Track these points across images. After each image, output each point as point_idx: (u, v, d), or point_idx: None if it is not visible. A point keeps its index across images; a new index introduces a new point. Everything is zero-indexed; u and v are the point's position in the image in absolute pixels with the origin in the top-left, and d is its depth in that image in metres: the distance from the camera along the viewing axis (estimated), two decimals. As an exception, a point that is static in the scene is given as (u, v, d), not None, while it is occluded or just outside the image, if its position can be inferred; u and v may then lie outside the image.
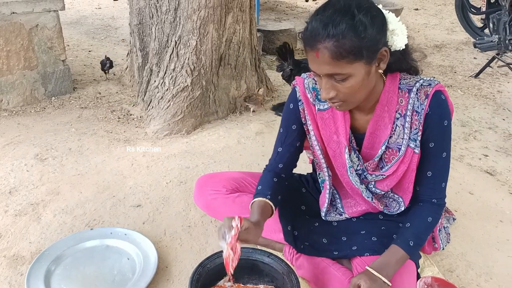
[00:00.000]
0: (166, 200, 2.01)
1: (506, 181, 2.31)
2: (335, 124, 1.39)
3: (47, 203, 1.97)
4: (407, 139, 1.33)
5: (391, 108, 1.32)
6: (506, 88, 3.61)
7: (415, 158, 1.34)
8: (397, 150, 1.36)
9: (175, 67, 2.70)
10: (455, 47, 4.72)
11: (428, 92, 1.29)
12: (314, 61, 1.19)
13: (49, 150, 2.41)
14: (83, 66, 3.70)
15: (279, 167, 1.53)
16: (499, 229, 1.92)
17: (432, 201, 1.39)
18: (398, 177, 1.39)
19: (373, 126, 1.36)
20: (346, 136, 1.38)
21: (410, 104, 1.30)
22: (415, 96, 1.30)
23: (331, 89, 1.21)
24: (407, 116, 1.31)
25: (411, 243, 1.32)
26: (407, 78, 1.33)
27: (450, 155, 1.37)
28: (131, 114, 2.91)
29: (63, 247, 1.66)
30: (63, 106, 2.99)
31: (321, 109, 1.40)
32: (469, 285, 1.61)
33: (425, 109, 1.28)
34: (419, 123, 1.30)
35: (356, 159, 1.41)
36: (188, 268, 1.62)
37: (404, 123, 1.32)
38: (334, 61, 1.15)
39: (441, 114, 1.30)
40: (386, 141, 1.35)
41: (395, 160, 1.36)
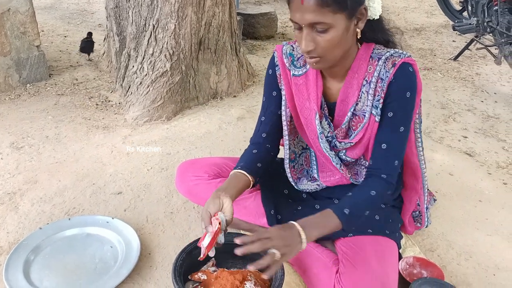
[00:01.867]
0: (148, 187, 1.99)
1: (484, 161, 2.35)
2: (307, 90, 1.39)
3: (24, 192, 1.92)
4: (370, 106, 1.32)
5: (360, 75, 1.32)
6: (484, 71, 3.66)
7: (376, 126, 1.33)
8: (363, 117, 1.35)
9: (154, 52, 2.64)
10: (435, 30, 4.75)
11: (396, 61, 1.28)
12: (298, 9, 1.17)
13: (25, 138, 2.35)
14: (59, 52, 3.60)
15: (263, 136, 1.51)
16: (478, 209, 1.96)
17: (381, 176, 1.32)
18: (365, 145, 1.38)
19: (344, 93, 1.36)
20: (317, 102, 1.38)
21: (377, 71, 1.29)
22: (383, 63, 1.29)
23: (311, 41, 1.20)
24: (372, 82, 1.30)
25: (346, 211, 1.25)
26: (380, 49, 1.33)
27: (407, 132, 1.33)
28: (109, 101, 2.85)
29: (42, 236, 1.62)
30: (38, 93, 2.91)
31: (296, 74, 1.41)
32: (450, 264, 1.63)
33: (389, 77, 1.27)
34: (382, 90, 1.29)
35: (327, 126, 1.41)
36: (171, 254, 1.60)
37: (369, 90, 1.32)
38: (318, 8, 1.15)
39: (405, 84, 1.28)
40: (353, 108, 1.35)
41: (360, 127, 1.36)
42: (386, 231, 1.45)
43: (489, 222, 1.87)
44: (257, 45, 4.09)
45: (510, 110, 2.98)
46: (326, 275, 1.38)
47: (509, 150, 2.47)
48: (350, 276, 1.32)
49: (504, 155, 2.41)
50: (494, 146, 2.51)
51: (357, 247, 1.39)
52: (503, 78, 3.52)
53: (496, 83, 3.42)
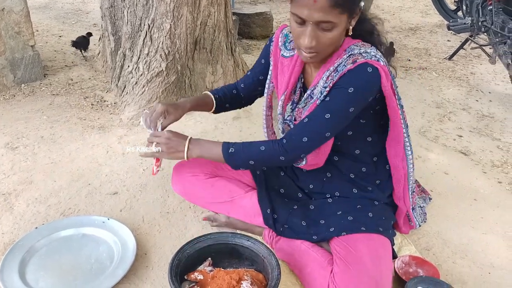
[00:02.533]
0: (144, 187, 1.98)
1: (479, 160, 2.36)
2: (288, 72, 1.46)
3: (19, 192, 1.91)
4: (319, 91, 1.37)
5: (330, 64, 1.35)
6: (479, 70, 3.67)
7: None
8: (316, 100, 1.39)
9: (149, 52, 2.64)
10: (430, 29, 4.76)
11: (357, 59, 1.28)
12: (308, 6, 1.19)
13: (20, 138, 2.34)
14: (54, 52, 3.59)
15: (241, 86, 1.69)
16: (473, 208, 1.97)
17: (282, 140, 1.37)
18: None
19: (317, 79, 1.40)
20: (289, 85, 1.45)
21: (337, 62, 1.33)
22: (346, 58, 1.31)
23: (314, 37, 1.23)
24: (329, 70, 1.34)
25: (231, 150, 1.39)
26: (359, 46, 1.33)
27: (331, 125, 1.32)
28: (105, 101, 2.84)
29: (37, 237, 1.62)
30: (33, 93, 2.90)
31: (284, 55, 1.48)
32: (445, 262, 1.64)
33: (344, 71, 1.29)
34: (332, 80, 1.32)
35: (289, 111, 1.49)
36: (168, 254, 1.60)
37: (323, 77, 1.36)
38: (330, 8, 1.18)
39: (352, 80, 1.28)
40: (310, 90, 1.41)
41: (307, 106, 1.42)
42: (380, 228, 1.45)
43: (484, 220, 1.88)
44: (252, 45, 4.09)
45: (505, 109, 3.00)
46: (321, 275, 1.38)
47: (504, 149, 2.48)
48: (343, 276, 1.33)
49: (499, 154, 2.43)
50: (489, 145, 2.52)
51: (351, 246, 1.39)
52: (497, 78, 3.53)
53: (491, 82, 3.44)
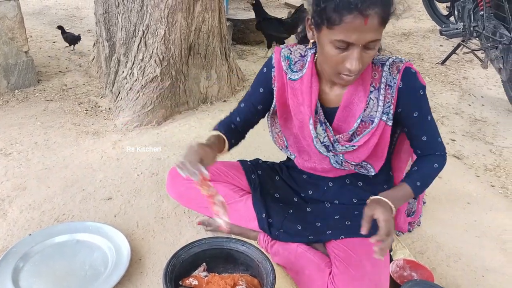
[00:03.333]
0: (138, 192, 1.98)
1: (472, 164, 2.37)
2: (302, 95, 1.41)
3: (13, 199, 1.90)
4: (380, 112, 1.36)
5: (365, 81, 1.34)
6: (471, 74, 3.71)
7: (388, 130, 1.39)
8: (369, 123, 1.38)
9: (144, 57, 2.64)
10: (422, 35, 4.80)
11: (399, 67, 1.33)
12: (358, 30, 1.12)
13: (14, 144, 2.33)
14: (48, 58, 3.58)
15: (237, 120, 1.56)
16: (466, 211, 1.98)
17: (436, 153, 1.43)
18: (369, 149, 1.41)
19: (348, 99, 1.37)
20: (311, 107, 1.39)
21: (384, 77, 1.34)
22: (388, 70, 1.33)
23: (360, 60, 1.18)
24: (381, 89, 1.34)
25: (418, 184, 1.38)
26: (379, 55, 1.37)
27: (432, 117, 1.42)
28: (99, 106, 2.84)
29: (31, 243, 1.61)
30: (27, 99, 2.89)
31: (292, 78, 1.42)
32: (439, 266, 1.65)
33: (397, 83, 1.33)
34: (392, 96, 1.34)
35: (322, 132, 1.42)
36: (162, 259, 1.60)
37: (378, 96, 1.35)
38: (379, 26, 1.15)
39: (414, 85, 1.34)
40: (362, 115, 1.37)
41: (366, 131, 1.38)
42: (377, 233, 1.45)
43: (478, 224, 1.89)
44: (246, 50, 4.11)
45: (497, 113, 3.02)
46: (319, 277, 1.38)
47: (496, 153, 2.50)
48: (343, 278, 1.33)
49: (492, 158, 2.45)
50: (482, 149, 2.54)
51: (350, 249, 1.40)
52: (489, 82, 3.57)
53: (483, 87, 3.47)
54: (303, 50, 1.42)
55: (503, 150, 2.54)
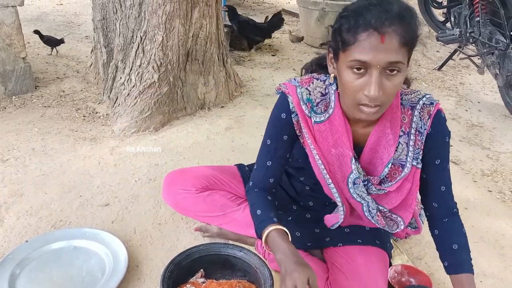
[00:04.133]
0: (135, 198, 1.98)
1: (470, 169, 2.38)
2: (333, 136, 1.28)
3: (10, 205, 1.90)
4: (411, 157, 1.28)
5: (395, 125, 1.25)
6: (467, 80, 3.73)
7: (418, 174, 1.30)
8: (399, 166, 1.30)
9: (141, 63, 2.65)
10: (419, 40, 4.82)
11: (431, 112, 1.24)
12: (375, 49, 1.04)
13: (11, 150, 2.32)
14: (45, 64, 3.58)
15: (270, 182, 1.38)
16: (464, 216, 1.94)
17: (454, 211, 1.36)
18: (403, 195, 1.33)
19: (375, 141, 1.28)
20: (351, 146, 1.28)
21: (414, 123, 1.25)
22: (418, 114, 1.24)
23: (380, 86, 1.07)
24: (411, 134, 1.26)
25: (471, 260, 1.33)
26: (408, 94, 1.26)
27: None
28: (97, 112, 2.84)
29: (28, 249, 1.60)
30: (24, 105, 2.89)
31: (317, 121, 1.28)
32: (437, 271, 1.65)
33: (427, 129, 1.25)
34: (421, 143, 1.26)
35: (361, 170, 1.31)
36: (160, 266, 1.59)
37: (408, 141, 1.27)
38: (400, 46, 1.05)
39: (443, 133, 1.28)
40: (392, 159, 1.28)
41: (399, 177, 1.30)
42: (377, 241, 1.45)
43: (475, 229, 1.90)
44: (244, 56, 4.12)
45: (494, 118, 3.04)
46: (316, 284, 1.38)
47: (493, 158, 2.51)
48: (341, 284, 1.33)
49: (489, 163, 2.45)
50: (479, 154, 2.55)
51: (348, 257, 1.40)
52: (486, 88, 3.59)
53: (480, 92, 3.49)
54: (322, 88, 1.28)
55: (500, 155, 2.55)
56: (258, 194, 1.37)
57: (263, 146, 1.38)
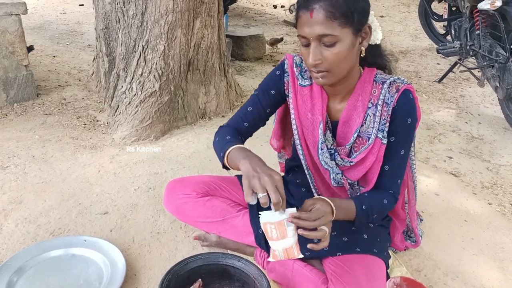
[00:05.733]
0: (134, 207, 1.97)
1: (469, 182, 2.38)
2: (312, 101, 1.41)
3: (8, 212, 1.89)
4: (376, 129, 1.35)
5: (364, 97, 1.36)
6: (468, 93, 3.74)
7: (383, 148, 1.37)
8: (366, 139, 1.38)
9: (143, 72, 2.66)
10: (419, 53, 4.85)
11: (399, 87, 1.32)
12: (307, 23, 1.21)
13: (11, 157, 2.33)
14: (47, 72, 3.60)
15: (244, 125, 1.49)
16: (464, 229, 1.98)
17: (390, 191, 1.41)
18: (366, 167, 1.40)
19: (347, 115, 1.39)
20: (323, 113, 1.40)
21: (382, 95, 1.34)
22: (387, 87, 1.33)
23: (318, 54, 1.23)
24: (378, 105, 1.34)
25: (364, 207, 1.34)
26: (382, 74, 1.39)
27: (408, 154, 1.40)
28: (97, 120, 2.84)
29: (26, 257, 1.60)
30: (26, 113, 2.90)
31: (302, 84, 1.43)
32: (436, 284, 1.64)
33: (393, 102, 1.32)
34: (388, 114, 1.34)
35: (331, 139, 1.42)
36: (158, 275, 1.59)
37: (375, 112, 1.35)
38: (327, 20, 1.19)
39: (407, 110, 1.33)
40: (358, 130, 1.38)
41: (363, 148, 1.38)
42: (374, 250, 1.45)
43: (475, 242, 1.89)
44: (245, 66, 4.14)
45: (494, 131, 3.04)
46: (315, 294, 1.37)
47: (493, 171, 2.51)
48: (339, 295, 1.32)
49: (489, 176, 2.45)
50: (479, 167, 2.54)
51: (346, 266, 1.39)
52: (486, 100, 3.59)
53: (480, 105, 3.49)
54: None
55: (500, 168, 2.55)
56: (228, 129, 1.47)
57: (251, 97, 1.53)
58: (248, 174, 1.16)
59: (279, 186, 1.13)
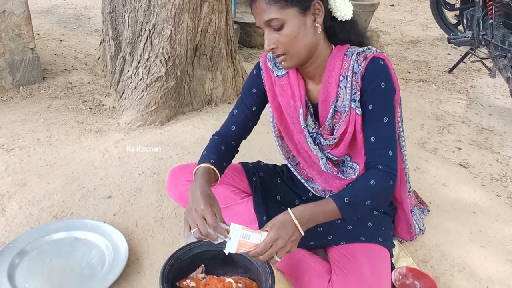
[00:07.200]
0: (138, 192, 1.96)
1: (478, 173, 2.34)
2: (291, 89, 1.43)
3: (12, 194, 1.89)
4: (349, 100, 1.33)
5: (336, 72, 1.34)
6: (478, 84, 3.67)
7: (358, 119, 1.33)
8: (343, 112, 1.36)
9: (149, 57, 2.63)
10: (430, 42, 4.78)
11: (367, 55, 1.29)
12: (255, 14, 1.28)
13: (16, 140, 2.32)
14: (54, 56, 3.58)
15: (231, 129, 1.54)
16: (472, 220, 1.94)
17: (378, 167, 1.29)
18: (347, 140, 1.37)
19: (324, 93, 1.38)
20: (302, 99, 1.40)
21: (351, 65, 1.31)
22: (355, 58, 1.31)
23: (271, 40, 1.27)
24: (348, 76, 1.31)
25: (346, 200, 1.24)
26: (355, 48, 1.35)
27: (393, 122, 1.32)
28: (103, 105, 2.83)
29: (28, 239, 1.59)
30: (31, 96, 2.88)
31: (279, 75, 1.45)
32: (443, 275, 1.61)
33: (361, 70, 1.29)
34: (357, 83, 1.30)
35: (312, 123, 1.43)
36: (160, 260, 1.57)
37: (346, 84, 1.32)
38: (268, 6, 1.23)
39: (377, 76, 1.29)
40: (333, 104, 1.36)
41: (341, 121, 1.36)
42: (379, 239, 1.43)
43: (483, 233, 1.86)
44: (253, 54, 4.10)
45: (504, 123, 2.99)
46: (318, 283, 1.35)
47: (503, 163, 2.46)
48: (342, 285, 1.30)
49: (498, 167, 2.41)
50: (488, 158, 2.50)
51: (350, 255, 1.37)
52: (497, 91, 3.53)
53: (491, 96, 3.43)
54: None
55: (510, 159, 2.50)
56: (214, 140, 1.53)
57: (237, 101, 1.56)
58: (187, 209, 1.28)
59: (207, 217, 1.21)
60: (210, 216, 1.21)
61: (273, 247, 1.16)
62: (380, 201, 1.33)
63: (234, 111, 1.55)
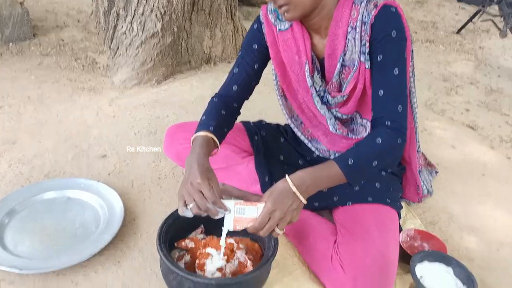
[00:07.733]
0: (134, 151, 1.87)
1: (487, 135, 2.26)
2: (296, 43, 1.29)
3: (1, 153, 1.80)
4: (358, 53, 1.21)
5: (343, 23, 1.21)
6: (487, 45, 3.55)
7: (368, 73, 1.22)
8: (353, 66, 1.24)
9: (144, 11, 2.48)
10: (437, 3, 4.61)
11: (377, 3, 1.17)
12: None
13: (5, 98, 2.21)
14: (45, 12, 3.42)
15: (233, 89, 1.40)
16: (480, 183, 1.87)
17: (386, 123, 1.17)
18: (356, 97, 1.27)
19: (330, 46, 1.25)
20: (307, 54, 1.28)
21: (360, 14, 1.18)
22: (365, 6, 1.18)
23: None
24: (357, 27, 1.19)
25: (350, 161, 1.12)
26: None
27: (405, 75, 1.19)
28: (96, 63, 2.70)
29: (18, 198, 1.51)
30: (22, 53, 2.76)
31: (282, 29, 1.31)
32: (451, 238, 1.55)
33: (371, 18, 1.17)
34: (366, 33, 1.19)
35: (319, 80, 1.32)
36: (158, 220, 1.50)
37: (355, 36, 1.20)
38: None
39: (387, 24, 1.17)
40: (341, 58, 1.24)
41: (350, 76, 1.25)
42: (387, 200, 1.35)
43: (492, 196, 1.79)
44: (253, 12, 3.94)
45: (514, 84, 2.89)
46: (323, 245, 1.29)
47: (513, 125, 2.38)
48: (348, 246, 1.23)
49: (508, 130, 2.32)
50: (498, 120, 2.41)
51: (356, 216, 1.30)
52: (506, 53, 3.41)
53: (500, 57, 3.32)
54: None
55: (520, 122, 2.42)
56: (213, 103, 1.39)
57: (235, 60, 1.43)
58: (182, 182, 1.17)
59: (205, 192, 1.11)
60: (208, 190, 1.11)
61: (271, 220, 1.08)
62: (388, 161, 1.22)
63: (234, 69, 1.41)
